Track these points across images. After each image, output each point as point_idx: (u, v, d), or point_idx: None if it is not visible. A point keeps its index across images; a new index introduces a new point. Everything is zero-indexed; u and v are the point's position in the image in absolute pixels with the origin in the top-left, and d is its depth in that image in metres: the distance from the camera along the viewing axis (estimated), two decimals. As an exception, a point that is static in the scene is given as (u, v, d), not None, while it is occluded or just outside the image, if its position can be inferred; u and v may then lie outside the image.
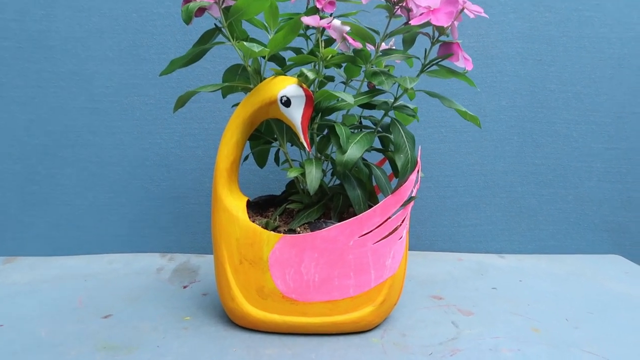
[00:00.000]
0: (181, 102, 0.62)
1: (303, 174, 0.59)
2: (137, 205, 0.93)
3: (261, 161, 0.73)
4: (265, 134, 0.68)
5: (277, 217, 0.67)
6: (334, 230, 0.60)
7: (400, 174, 0.59)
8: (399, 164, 0.58)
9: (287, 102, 0.59)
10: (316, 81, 0.60)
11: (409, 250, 0.96)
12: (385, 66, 0.68)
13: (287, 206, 0.65)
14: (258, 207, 0.70)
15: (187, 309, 0.71)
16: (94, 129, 0.91)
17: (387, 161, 0.77)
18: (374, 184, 0.73)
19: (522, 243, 0.97)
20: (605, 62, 0.94)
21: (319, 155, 0.64)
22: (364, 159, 0.65)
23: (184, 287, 0.79)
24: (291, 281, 0.61)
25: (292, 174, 0.59)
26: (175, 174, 0.93)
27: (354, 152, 0.57)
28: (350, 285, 0.62)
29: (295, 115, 0.59)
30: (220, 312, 0.70)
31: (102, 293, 0.76)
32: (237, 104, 0.65)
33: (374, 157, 0.77)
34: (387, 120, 0.68)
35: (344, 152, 0.57)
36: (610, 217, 0.97)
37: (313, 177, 0.58)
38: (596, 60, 0.94)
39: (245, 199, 0.66)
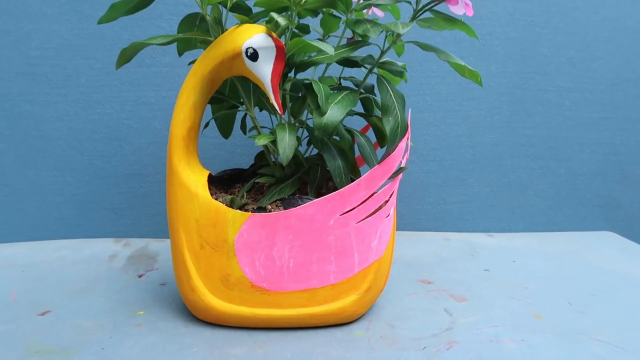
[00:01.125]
0: (125, 56, 0.52)
1: (274, 142, 0.50)
2: (86, 185, 0.82)
3: (225, 130, 0.63)
4: (230, 97, 0.59)
5: (245, 193, 0.57)
6: (311, 208, 0.51)
7: (388, 141, 0.50)
8: (388, 128, 0.49)
9: (253, 55, 0.49)
10: (289, 30, 0.50)
11: (391, 230, 0.88)
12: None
13: (255, 181, 0.56)
14: (222, 183, 0.61)
15: (141, 302, 0.61)
16: (32, 97, 0.79)
17: (370, 129, 0.68)
18: (357, 154, 0.64)
19: (511, 221, 0.90)
20: (600, 24, 0.87)
21: (292, 120, 0.55)
22: (345, 125, 0.56)
23: (140, 276, 0.69)
24: (261, 268, 0.53)
25: (261, 142, 0.50)
26: (128, 149, 0.82)
27: (334, 113, 0.48)
28: (330, 272, 0.53)
29: (264, 70, 0.50)
30: (180, 305, 0.60)
31: (42, 285, 0.65)
32: (194, 61, 0.55)
33: (356, 125, 0.68)
34: (371, 81, 0.59)
35: (322, 113, 0.48)
36: (603, 191, 0.92)
37: (286, 145, 0.49)
38: (591, 22, 0.87)
39: (207, 173, 0.56)
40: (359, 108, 0.61)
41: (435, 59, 0.84)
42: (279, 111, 0.50)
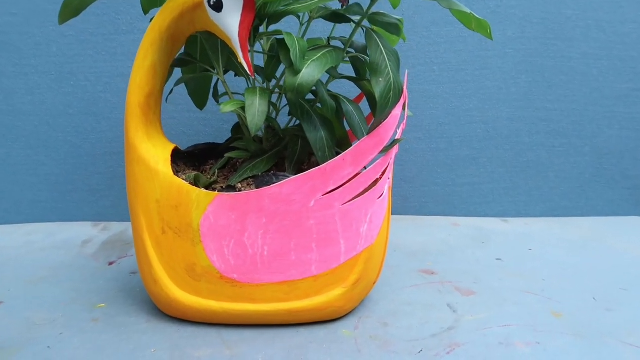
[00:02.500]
0: (71, 9, 0.44)
1: (243, 109, 0.42)
2: (62, 164, 0.76)
3: (199, 99, 0.55)
4: (202, 61, 0.51)
5: (217, 171, 0.50)
6: (288, 186, 0.43)
7: (378, 106, 0.42)
8: (377, 90, 0.41)
9: (217, 5, 0.41)
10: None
11: (393, 214, 0.81)
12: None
13: (226, 155, 0.48)
14: (193, 159, 0.53)
15: (105, 292, 0.55)
16: (0, 68, 0.73)
17: (364, 98, 0.60)
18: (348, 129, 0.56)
19: (529, 204, 0.81)
20: (634, -17, 0.77)
21: (266, 83, 0.47)
22: (330, 91, 0.48)
23: (110, 263, 0.62)
24: (231, 256, 0.45)
25: (227, 108, 0.42)
26: (106, 125, 0.75)
27: (311, 72, 0.40)
28: (312, 261, 0.46)
29: (230, 23, 0.42)
30: (147, 297, 0.54)
31: (0, 273, 0.59)
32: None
33: (349, 93, 0.58)
34: (362, 42, 0.51)
35: (296, 71, 0.40)
36: (632, 171, 0.82)
37: (256, 111, 0.41)
38: (623, -20, 0.77)
39: (171, 147, 0.49)
40: (350, 72, 0.53)
41: (443, 22, 0.75)
42: (248, 71, 0.42)
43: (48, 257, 0.64)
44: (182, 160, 0.52)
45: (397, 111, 0.45)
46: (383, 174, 0.47)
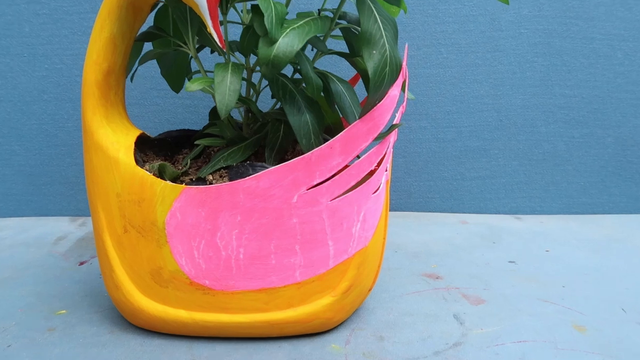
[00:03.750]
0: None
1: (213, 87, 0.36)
2: (37, 155, 0.70)
3: (175, 80, 0.49)
4: (175, 36, 0.44)
5: (189, 161, 0.44)
6: (266, 179, 0.37)
7: (372, 84, 0.35)
8: (371, 65, 0.34)
9: (181, -36, 0.35)
10: None
11: (394, 210, 0.74)
12: None
13: (197, 142, 0.42)
14: (165, 148, 0.47)
15: (69, 297, 0.49)
16: (-32, 50, 0.67)
17: (360, 80, 0.53)
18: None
19: (545, 201, 0.75)
20: (665, -45, 0.69)
21: (246, 60, 0.41)
22: (317, 68, 0.41)
23: (81, 263, 0.57)
24: (202, 259, 0.39)
25: (194, 87, 0.36)
26: (83, 112, 0.69)
27: (289, 42, 0.33)
28: (295, 266, 0.39)
29: (197, -14, 0.35)
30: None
31: (-43, 274, 0.54)
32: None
33: (343, 74, 0.51)
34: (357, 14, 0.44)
35: (271, 40, 0.33)
36: (660, 165, 0.75)
37: (226, 90, 0.35)
38: (653, -48, 0.69)
39: (136, 133, 0.43)
40: (344, 48, 0.46)
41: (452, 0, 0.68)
42: (218, 43, 0.35)
43: (15, 256, 0.59)
44: (153, 149, 0.46)
45: (394, 91, 0.38)
46: (379, 165, 0.41)
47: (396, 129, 0.40)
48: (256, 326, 0.40)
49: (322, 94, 0.44)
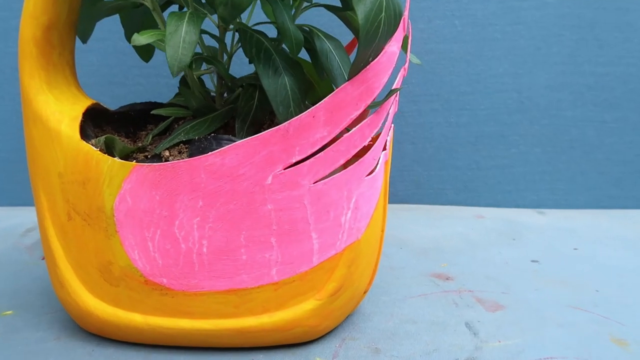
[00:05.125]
0: None
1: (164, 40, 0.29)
2: (10, 138, 0.65)
3: (142, 46, 0.42)
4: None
5: (152, 138, 0.37)
6: (233, 155, 0.30)
7: (362, 35, 0.28)
8: (361, 10, 0.27)
9: None
10: None
11: (401, 202, 0.66)
12: None
13: (153, 112, 0.35)
14: (128, 123, 0.40)
15: (21, 296, 0.43)
16: None
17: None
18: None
19: (570, 193, 0.67)
20: None
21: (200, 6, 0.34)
22: (301, 25, 0.34)
23: (43, 258, 0.50)
24: (158, 253, 0.32)
25: (142, 39, 0.29)
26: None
27: (256, -24, 0.26)
28: (271, 262, 0.32)
29: None
30: (69, 302, 0.41)
31: None
32: None
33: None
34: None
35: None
36: (703, 154, 0.66)
37: (180, 42, 0.28)
38: None
39: (86, 102, 0.36)
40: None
41: (468, -36, 0.60)
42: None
43: (-25, 248, 0.53)
44: (112, 124, 0.40)
45: (392, 47, 0.31)
46: (374, 140, 0.33)
47: (396, 96, 0.33)
48: (224, 334, 0.34)
49: (309, 58, 0.37)
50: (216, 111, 0.35)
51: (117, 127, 0.40)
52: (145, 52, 0.43)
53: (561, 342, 0.36)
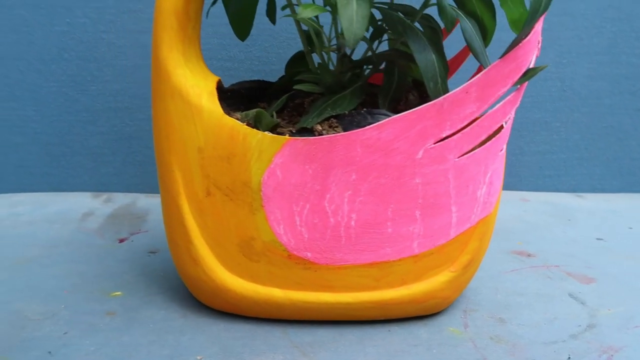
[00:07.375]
0: None
1: (334, 15, 0.29)
2: (55, 122, 0.62)
3: (241, 24, 0.42)
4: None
5: (274, 113, 0.37)
6: (390, 129, 0.31)
7: (531, 13, 0.29)
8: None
9: None
10: None
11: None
12: None
13: (295, 88, 0.35)
14: (238, 101, 0.40)
15: (119, 277, 0.42)
16: (-24, -1, 0.59)
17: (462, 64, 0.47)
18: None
19: (604, 178, 0.70)
20: None
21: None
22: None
23: (121, 240, 0.49)
24: (305, 227, 0.33)
25: (307, 13, 0.29)
26: (109, 74, 0.62)
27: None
28: (413, 235, 0.33)
29: None
30: (177, 282, 0.41)
31: (-21, 252, 0.46)
32: None
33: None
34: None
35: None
36: None
37: (353, 14, 0.28)
38: None
39: (214, 78, 0.36)
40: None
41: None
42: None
43: (39, 233, 0.51)
44: (226, 101, 0.39)
45: (540, 24, 0.32)
46: (508, 119, 0.35)
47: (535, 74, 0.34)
48: (364, 307, 0.34)
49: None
50: (345, 89, 0.35)
51: (230, 104, 0.39)
52: (243, 32, 0.43)
53: (663, 309, 0.39)
